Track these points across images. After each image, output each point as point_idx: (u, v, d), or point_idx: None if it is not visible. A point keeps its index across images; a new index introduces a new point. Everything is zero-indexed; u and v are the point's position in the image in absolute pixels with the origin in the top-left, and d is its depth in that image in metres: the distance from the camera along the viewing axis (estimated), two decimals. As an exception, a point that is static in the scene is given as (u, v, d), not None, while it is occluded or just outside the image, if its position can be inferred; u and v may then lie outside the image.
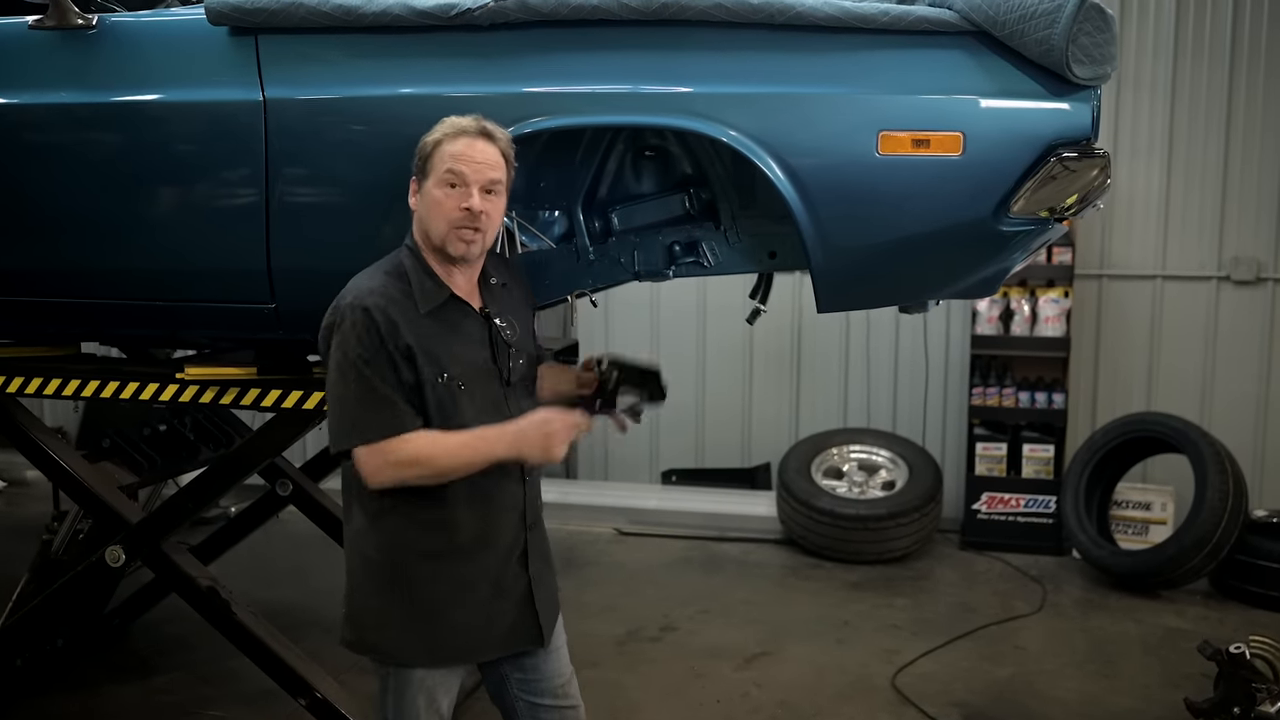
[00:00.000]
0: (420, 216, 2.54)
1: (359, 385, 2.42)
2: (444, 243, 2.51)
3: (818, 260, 2.75)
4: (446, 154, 2.48)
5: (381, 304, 2.44)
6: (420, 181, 2.53)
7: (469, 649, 2.64)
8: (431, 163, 2.49)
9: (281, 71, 2.97)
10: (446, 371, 2.50)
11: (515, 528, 2.64)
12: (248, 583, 5.58)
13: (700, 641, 5.07)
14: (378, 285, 2.48)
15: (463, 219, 2.49)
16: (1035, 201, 2.69)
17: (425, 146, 2.51)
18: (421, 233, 2.56)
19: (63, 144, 3.17)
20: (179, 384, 3.45)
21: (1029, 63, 2.65)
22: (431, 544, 2.54)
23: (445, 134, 2.49)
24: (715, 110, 2.75)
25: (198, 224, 3.09)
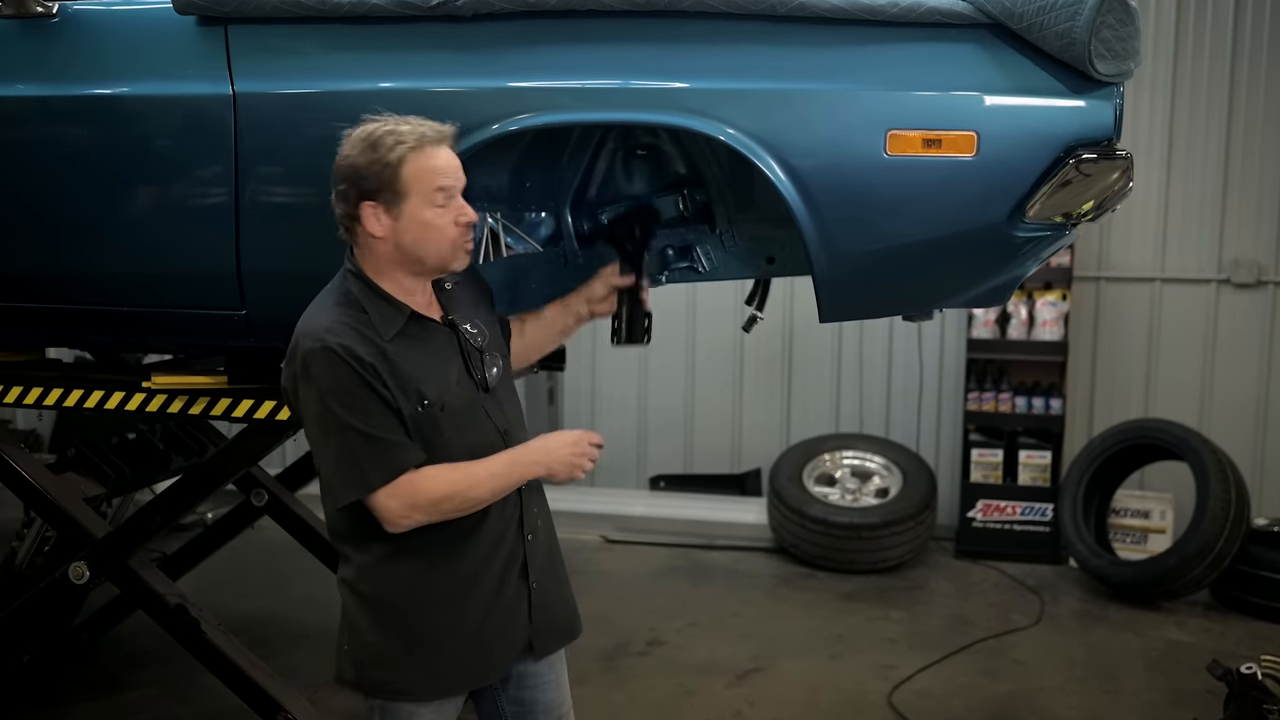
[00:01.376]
0: (403, 244, 2.32)
1: (348, 434, 2.24)
2: (448, 261, 2.37)
3: (821, 267, 2.60)
4: (425, 170, 2.29)
5: (344, 341, 2.25)
6: (389, 206, 2.29)
7: (473, 674, 2.48)
8: (404, 183, 2.28)
9: (252, 64, 2.80)
10: (426, 398, 2.33)
11: (513, 541, 2.48)
12: (224, 593, 5.53)
13: (690, 656, 4.93)
14: (332, 321, 2.29)
15: (462, 234, 2.35)
16: (1052, 205, 2.54)
17: (386, 167, 2.26)
18: (400, 259, 2.35)
19: (20, 140, 2.99)
20: (145, 393, 3.29)
21: (1048, 57, 2.50)
22: (434, 576, 2.39)
23: (408, 148, 2.28)
24: (712, 107, 2.59)
25: (163, 225, 2.92)
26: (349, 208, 2.33)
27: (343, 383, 2.23)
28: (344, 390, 2.23)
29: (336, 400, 2.23)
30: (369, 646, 2.41)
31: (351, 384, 2.23)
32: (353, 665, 2.44)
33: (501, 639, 2.47)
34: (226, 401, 3.26)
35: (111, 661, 4.74)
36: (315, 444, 2.31)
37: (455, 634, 2.41)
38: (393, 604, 2.39)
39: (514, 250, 3.10)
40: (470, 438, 2.39)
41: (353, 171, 2.30)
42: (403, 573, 2.37)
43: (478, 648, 2.45)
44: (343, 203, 2.33)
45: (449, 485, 2.29)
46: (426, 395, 2.32)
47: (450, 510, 2.31)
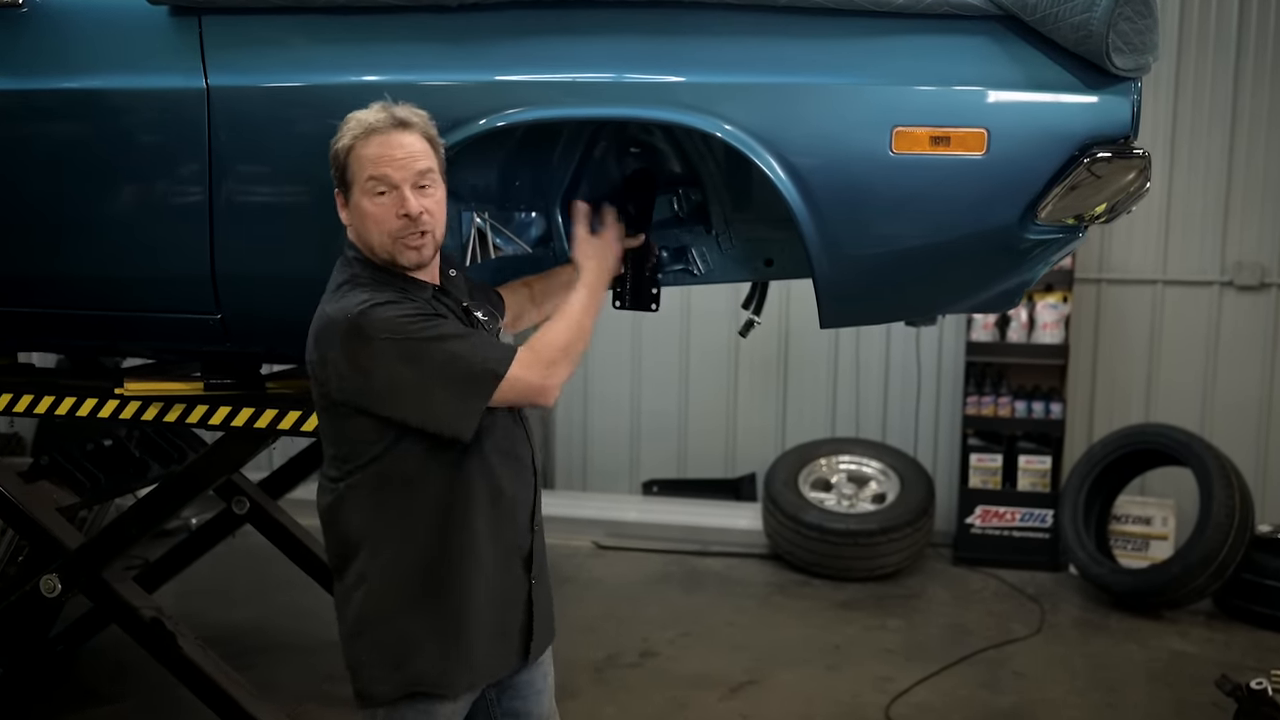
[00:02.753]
0: (356, 232, 2.29)
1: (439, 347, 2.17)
2: (391, 256, 2.26)
3: (823, 270, 2.48)
4: (364, 160, 2.22)
5: (384, 297, 2.19)
6: (344, 194, 2.28)
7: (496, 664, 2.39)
8: (350, 172, 2.25)
9: (227, 57, 2.69)
10: None
11: (525, 529, 2.41)
12: (207, 601, 5.43)
13: (683, 668, 4.80)
14: (369, 291, 2.22)
15: (403, 227, 2.24)
16: (1065, 206, 2.42)
17: (338, 155, 2.26)
18: (365, 246, 2.29)
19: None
20: (119, 400, 3.17)
21: (1062, 51, 2.38)
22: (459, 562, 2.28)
23: (354, 137, 2.23)
24: (709, 102, 2.47)
25: (133, 225, 2.80)
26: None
27: (407, 315, 2.17)
28: (412, 319, 2.16)
29: (408, 331, 2.15)
30: (401, 642, 2.28)
31: (408, 314, 2.17)
32: (386, 667, 2.29)
33: (511, 632, 2.40)
34: (203, 408, 3.15)
35: (89, 674, 4.61)
36: (408, 386, 2.17)
37: (482, 620, 2.32)
38: (420, 591, 2.27)
39: (502, 251, 3.00)
40: (493, 425, 2.30)
41: (330, 158, 2.30)
42: (427, 559, 2.27)
43: (500, 636, 2.37)
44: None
45: (563, 330, 2.32)
46: None
47: (580, 351, 2.34)
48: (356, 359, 2.16)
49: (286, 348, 3.08)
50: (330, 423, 2.28)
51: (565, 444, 7.12)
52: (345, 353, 2.17)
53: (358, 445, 2.25)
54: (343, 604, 2.34)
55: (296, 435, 3.12)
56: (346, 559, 2.31)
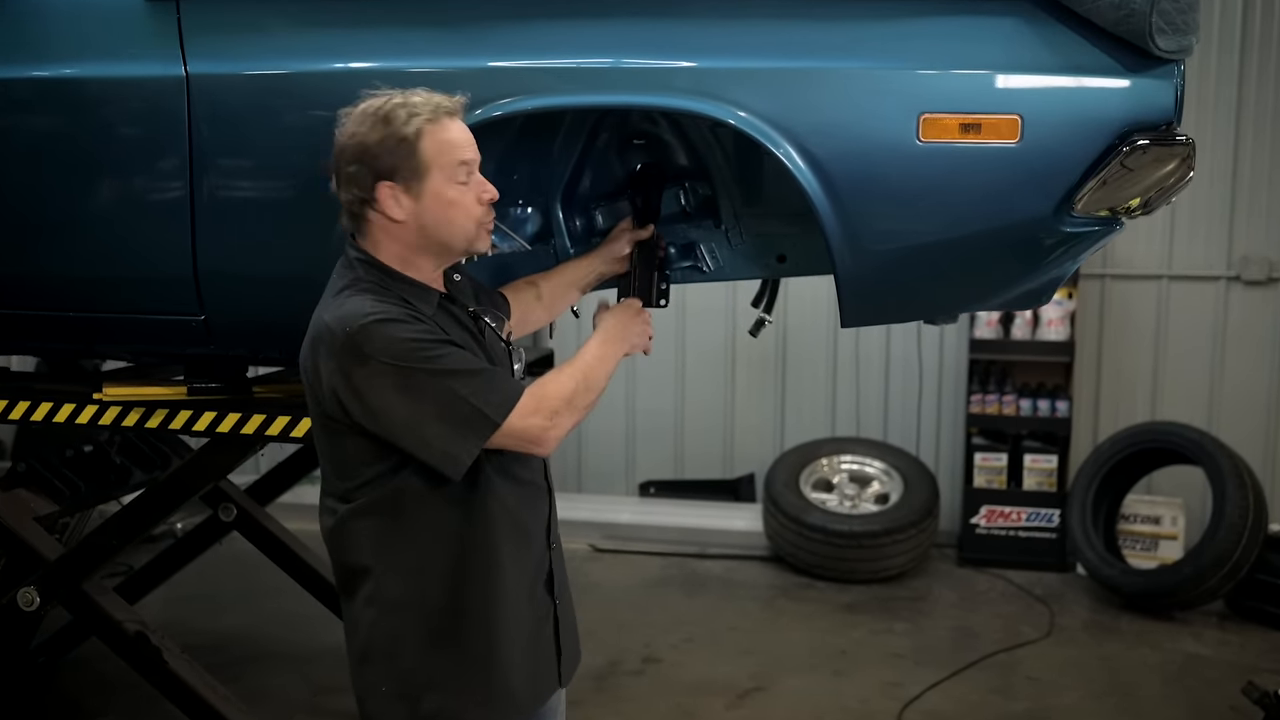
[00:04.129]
0: (425, 225, 2.08)
1: (445, 381, 2.00)
2: (473, 242, 2.14)
3: (845, 266, 2.34)
4: (445, 144, 2.06)
5: (389, 309, 2.02)
6: (409, 186, 2.05)
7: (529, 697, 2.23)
8: (423, 158, 2.04)
9: (208, 43, 2.54)
10: None
11: (543, 548, 2.27)
12: (194, 609, 5.31)
13: (687, 675, 4.68)
14: (369, 303, 2.03)
15: (487, 212, 2.13)
16: (1103, 197, 2.29)
17: (404, 141, 2.03)
18: (421, 243, 2.11)
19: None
20: (98, 405, 3.02)
21: (1100, 32, 2.24)
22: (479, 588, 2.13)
23: (427, 120, 2.05)
24: (721, 88, 2.33)
25: (110, 222, 2.65)
26: (360, 191, 2.07)
27: (411, 339, 1.99)
28: (416, 345, 1.99)
29: (410, 359, 1.98)
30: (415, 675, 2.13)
31: (421, 336, 2.01)
32: (396, 699, 2.14)
33: (545, 655, 2.26)
34: (186, 414, 3.00)
35: (72, 686, 4.48)
36: (401, 417, 2.00)
37: (514, 651, 2.17)
38: (440, 625, 2.12)
39: (499, 248, 2.86)
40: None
41: (363, 150, 2.04)
42: (444, 590, 2.12)
43: (535, 661, 2.23)
44: (352, 186, 2.07)
45: (570, 379, 2.16)
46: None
47: (585, 404, 2.17)
48: (351, 377, 2.00)
49: (273, 350, 2.96)
50: (326, 438, 2.13)
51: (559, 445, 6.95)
52: (341, 368, 2.01)
53: (357, 466, 2.09)
54: (351, 629, 2.19)
55: (285, 441, 2.98)
56: (354, 584, 2.16)
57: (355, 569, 2.14)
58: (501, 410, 2.03)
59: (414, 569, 2.10)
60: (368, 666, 2.16)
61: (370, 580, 2.13)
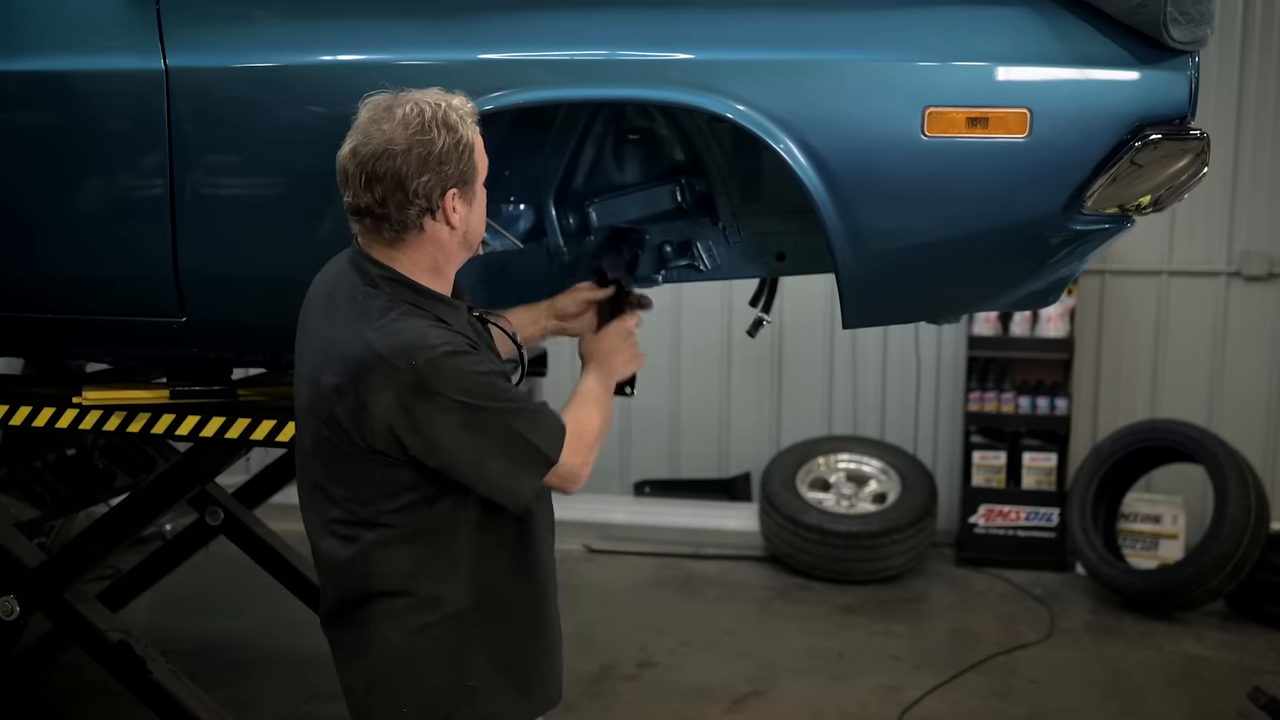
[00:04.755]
0: (471, 229, 2.07)
1: (507, 420, 1.99)
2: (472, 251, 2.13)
3: (847, 266, 2.27)
4: (482, 151, 2.05)
5: (452, 338, 1.98)
6: (465, 189, 2.01)
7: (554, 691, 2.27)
8: (475, 165, 2.02)
9: (188, 34, 2.45)
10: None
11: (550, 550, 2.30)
12: (182, 613, 5.24)
13: (683, 679, 4.61)
14: (425, 325, 1.98)
15: None
16: (1114, 194, 2.22)
17: (463, 148, 1.98)
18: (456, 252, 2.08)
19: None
20: (78, 409, 2.93)
21: (1112, 23, 2.18)
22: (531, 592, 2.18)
23: (474, 128, 2.03)
24: (719, 81, 2.26)
25: (87, 221, 2.56)
26: (426, 201, 1.98)
27: (476, 376, 1.97)
28: (481, 382, 1.97)
29: (479, 395, 1.96)
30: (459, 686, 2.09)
31: (484, 371, 1.99)
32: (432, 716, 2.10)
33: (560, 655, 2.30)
34: (169, 418, 2.91)
35: (58, 693, 4.40)
36: (465, 454, 1.98)
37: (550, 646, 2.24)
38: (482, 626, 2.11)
39: (490, 246, 2.79)
40: None
41: (437, 161, 1.96)
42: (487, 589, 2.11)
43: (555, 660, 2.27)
44: (418, 199, 1.97)
45: (593, 418, 2.18)
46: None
47: (601, 442, 2.19)
48: (415, 412, 1.93)
49: (258, 352, 2.88)
50: (347, 468, 2.03)
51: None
52: (403, 402, 1.93)
53: (392, 493, 2.02)
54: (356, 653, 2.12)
55: (271, 446, 2.90)
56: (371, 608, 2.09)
57: (380, 593, 2.07)
58: (555, 448, 2.04)
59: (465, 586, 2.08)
60: (382, 689, 2.09)
61: (401, 601, 2.06)
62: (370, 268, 2.03)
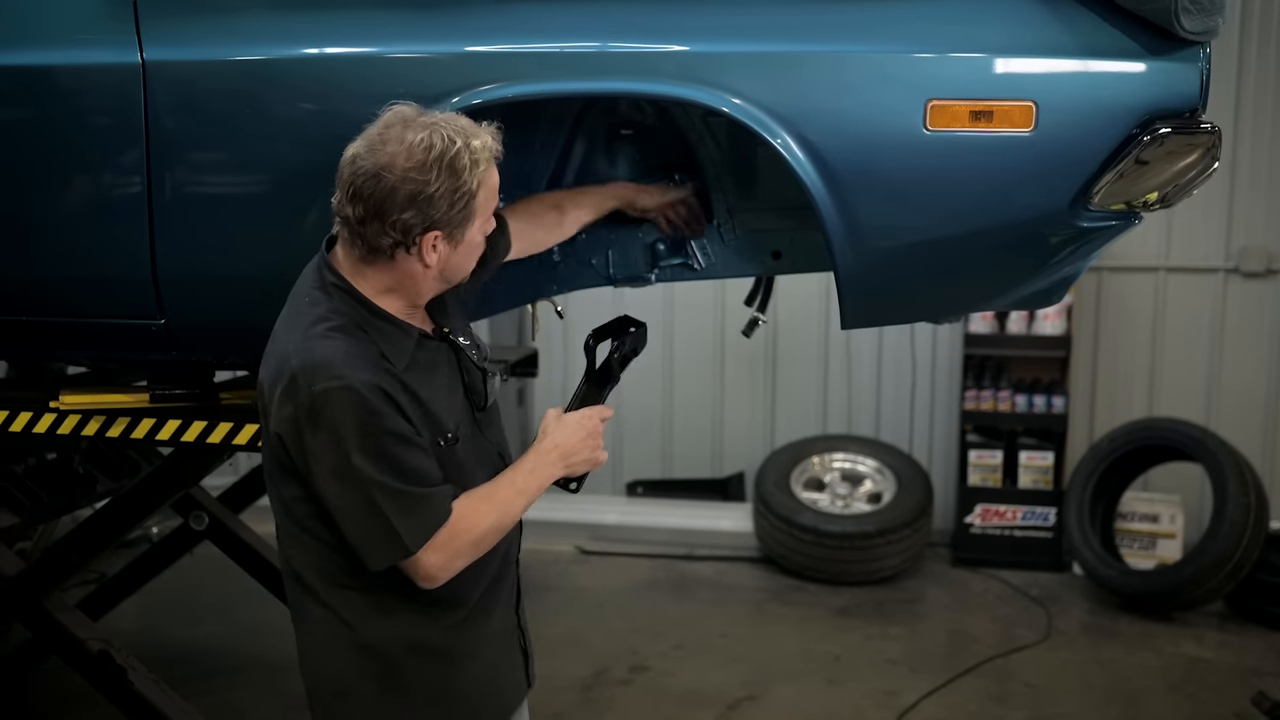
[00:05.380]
0: (448, 270, 1.96)
1: (375, 491, 1.84)
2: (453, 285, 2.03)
3: (846, 264, 2.20)
4: (491, 191, 1.95)
5: (365, 377, 1.85)
6: (453, 232, 1.91)
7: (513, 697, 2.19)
8: (478, 203, 1.91)
9: (166, 27, 2.37)
10: (447, 430, 1.98)
11: (510, 567, 2.18)
12: (168, 618, 5.16)
13: (676, 684, 4.54)
14: (344, 355, 1.86)
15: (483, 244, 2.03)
16: (1121, 189, 2.15)
17: (460, 196, 1.87)
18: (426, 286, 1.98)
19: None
20: (56, 414, 2.85)
21: (1120, 13, 2.11)
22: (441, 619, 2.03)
23: (488, 164, 1.92)
24: (714, 74, 2.19)
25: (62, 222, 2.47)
26: (401, 235, 1.88)
27: (370, 430, 1.84)
28: (371, 439, 1.84)
29: (361, 452, 1.84)
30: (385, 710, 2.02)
31: (380, 430, 1.85)
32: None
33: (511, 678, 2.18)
34: (150, 422, 2.84)
35: (43, 700, 4.33)
36: (331, 498, 1.88)
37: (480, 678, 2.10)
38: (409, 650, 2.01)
39: (479, 246, 2.69)
40: (473, 466, 2.04)
41: (426, 202, 1.86)
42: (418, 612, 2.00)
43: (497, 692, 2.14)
44: (394, 232, 1.87)
45: (485, 518, 1.94)
46: (446, 426, 1.98)
47: (488, 545, 1.97)
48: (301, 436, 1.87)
49: (239, 355, 2.79)
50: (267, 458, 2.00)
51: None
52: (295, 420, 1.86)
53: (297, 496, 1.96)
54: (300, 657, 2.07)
55: (254, 451, 2.82)
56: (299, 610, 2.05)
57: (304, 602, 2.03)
58: (417, 540, 1.87)
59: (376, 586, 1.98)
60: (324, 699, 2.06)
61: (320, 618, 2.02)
62: (327, 273, 1.96)
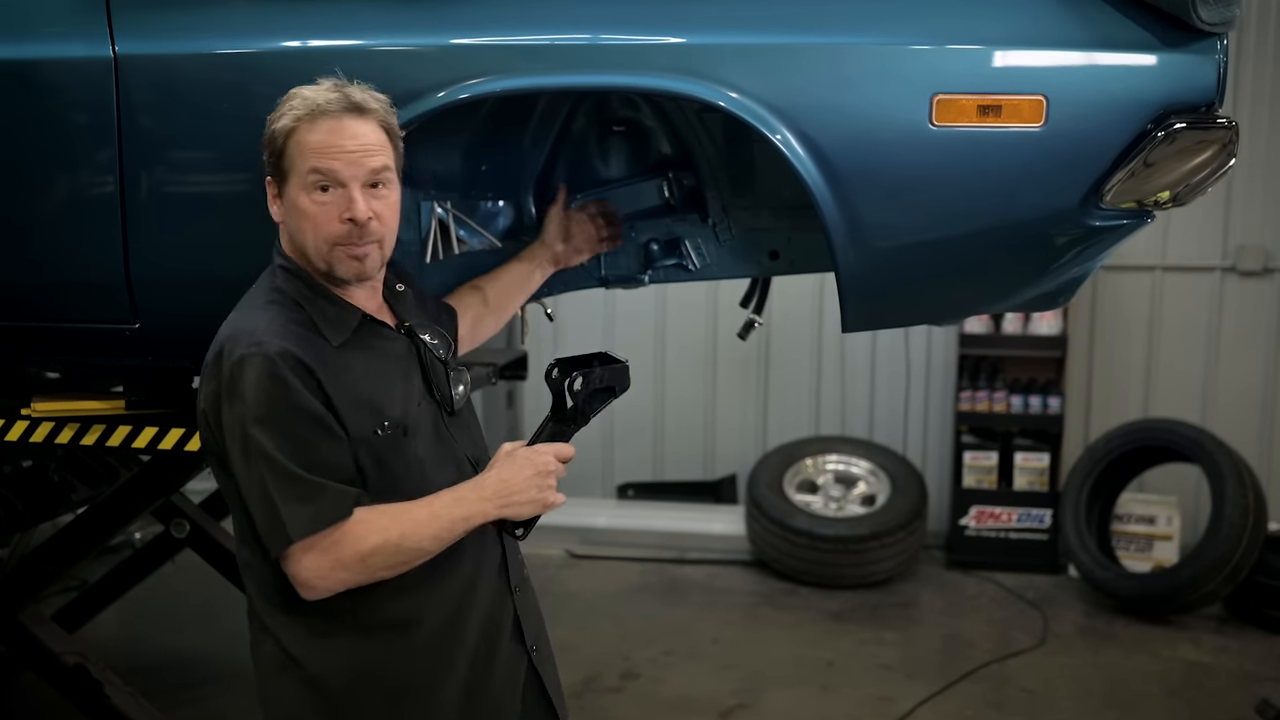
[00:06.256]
0: (289, 231, 1.91)
1: (272, 470, 1.76)
2: (329, 265, 1.88)
3: (848, 265, 2.11)
4: (307, 147, 1.83)
5: (286, 347, 1.78)
6: (279, 184, 1.88)
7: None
8: (288, 159, 1.85)
9: (139, 19, 2.26)
10: (387, 419, 1.87)
11: (497, 594, 2.01)
12: (150, 625, 5.06)
13: (668, 691, 4.45)
14: (267, 323, 1.81)
15: (346, 233, 1.84)
16: (1135, 187, 2.07)
17: (274, 136, 1.86)
18: (296, 248, 1.91)
19: None
20: (28, 421, 2.75)
21: (1133, 3, 2.03)
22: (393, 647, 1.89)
23: (297, 117, 1.83)
24: (711, 66, 2.09)
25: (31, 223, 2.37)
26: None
27: (277, 401, 1.76)
28: (275, 410, 1.76)
29: (262, 424, 1.76)
30: None
31: (288, 402, 1.77)
32: None
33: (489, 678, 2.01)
34: (126, 429, 2.74)
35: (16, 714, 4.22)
36: (240, 478, 1.81)
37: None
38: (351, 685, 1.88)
39: (467, 245, 2.63)
40: (434, 468, 1.93)
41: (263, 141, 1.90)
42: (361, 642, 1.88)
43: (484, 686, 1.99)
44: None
45: (381, 533, 1.79)
46: (387, 415, 1.87)
47: (382, 566, 1.80)
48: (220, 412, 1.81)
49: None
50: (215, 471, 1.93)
51: (532, 446, 6.74)
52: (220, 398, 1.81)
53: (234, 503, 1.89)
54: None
55: (234, 458, 2.73)
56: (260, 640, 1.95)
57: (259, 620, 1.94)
58: (298, 531, 1.75)
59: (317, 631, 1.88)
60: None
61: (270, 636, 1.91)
62: (276, 256, 1.96)
